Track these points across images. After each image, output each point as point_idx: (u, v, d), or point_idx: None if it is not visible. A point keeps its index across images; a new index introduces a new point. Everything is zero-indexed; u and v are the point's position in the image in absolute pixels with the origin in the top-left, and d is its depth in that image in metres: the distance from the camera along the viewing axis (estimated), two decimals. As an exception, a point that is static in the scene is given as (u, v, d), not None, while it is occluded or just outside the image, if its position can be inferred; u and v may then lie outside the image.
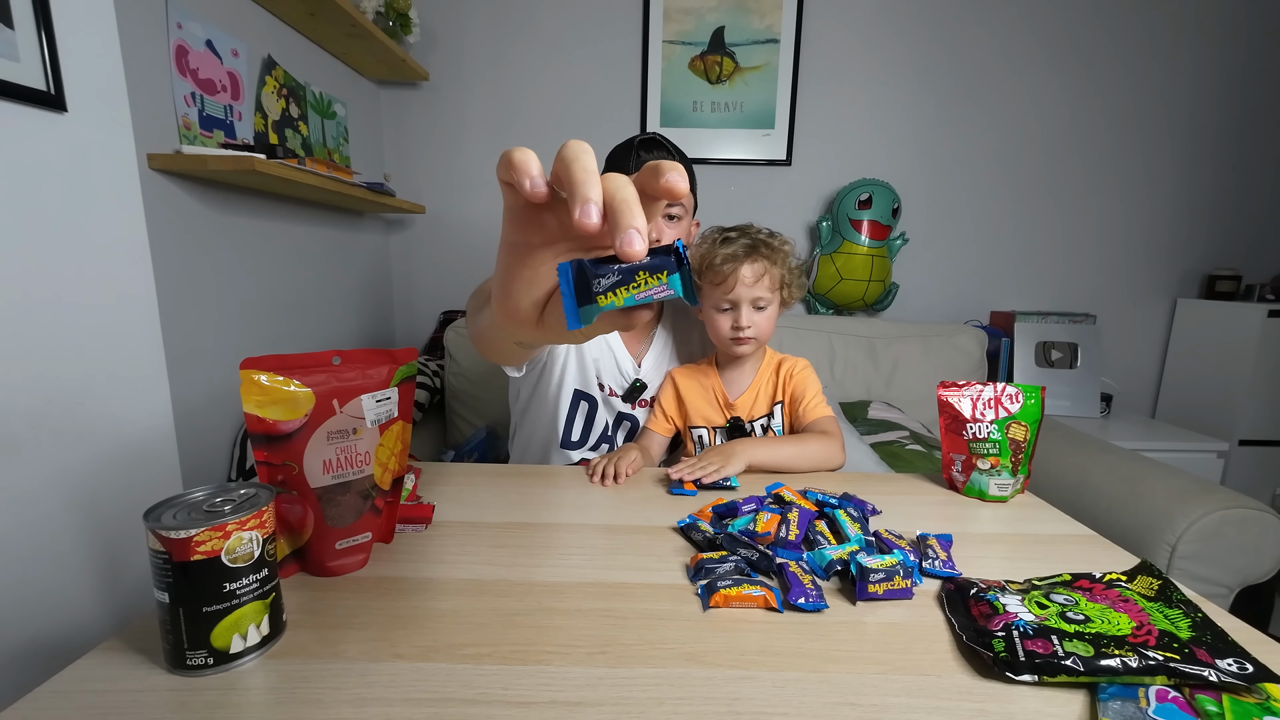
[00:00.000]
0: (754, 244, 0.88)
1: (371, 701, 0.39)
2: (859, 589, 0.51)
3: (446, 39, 1.91)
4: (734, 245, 0.89)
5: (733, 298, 0.89)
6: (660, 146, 0.93)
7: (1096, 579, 0.53)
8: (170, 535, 0.39)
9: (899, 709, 0.39)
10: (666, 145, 0.94)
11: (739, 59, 1.91)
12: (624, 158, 0.93)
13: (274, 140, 1.37)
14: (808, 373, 0.95)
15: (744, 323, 0.89)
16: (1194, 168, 1.98)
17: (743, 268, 0.87)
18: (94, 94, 0.78)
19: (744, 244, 0.88)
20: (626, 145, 0.94)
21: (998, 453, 0.75)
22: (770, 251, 0.88)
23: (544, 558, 0.59)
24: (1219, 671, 0.38)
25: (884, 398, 1.79)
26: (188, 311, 1.13)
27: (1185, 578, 1.11)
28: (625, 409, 1.04)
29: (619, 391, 1.03)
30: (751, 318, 0.89)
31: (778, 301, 0.91)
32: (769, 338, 0.94)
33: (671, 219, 0.94)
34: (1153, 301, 2.06)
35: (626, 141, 0.95)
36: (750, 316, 0.89)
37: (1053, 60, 1.92)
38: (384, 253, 2.02)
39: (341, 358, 0.55)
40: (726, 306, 0.90)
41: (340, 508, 0.54)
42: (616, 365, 1.03)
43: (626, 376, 1.03)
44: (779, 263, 0.89)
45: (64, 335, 0.75)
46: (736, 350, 0.92)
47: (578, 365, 1.01)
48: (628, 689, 0.40)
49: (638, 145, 0.92)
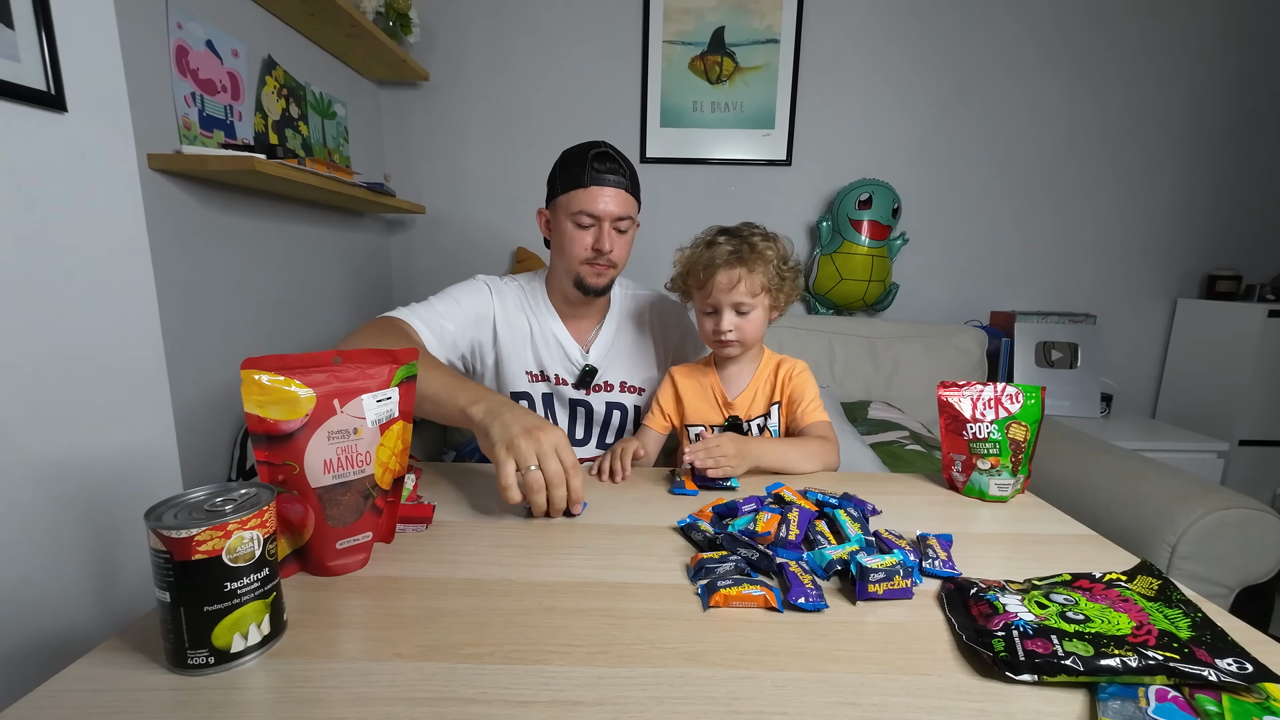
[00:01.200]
0: (737, 250, 0.88)
1: (372, 701, 0.39)
2: (859, 589, 0.51)
3: (446, 39, 1.91)
4: (717, 249, 0.89)
5: (713, 302, 0.90)
6: (612, 159, 0.97)
7: (1096, 579, 0.53)
8: (171, 535, 0.39)
9: (899, 709, 0.39)
10: (617, 157, 0.97)
11: (739, 59, 1.91)
12: (579, 166, 0.96)
13: (274, 140, 1.37)
14: (806, 376, 0.95)
15: (724, 326, 0.89)
16: (1194, 168, 1.98)
17: (719, 275, 0.88)
18: (94, 94, 0.78)
19: (727, 249, 0.88)
20: (581, 156, 0.96)
21: (998, 453, 0.75)
22: (752, 256, 0.88)
23: (544, 558, 0.59)
24: (1219, 671, 0.38)
25: (884, 398, 1.79)
26: (188, 311, 1.13)
27: (1185, 578, 1.11)
28: (579, 395, 1.07)
29: (569, 380, 1.07)
30: (733, 321, 0.89)
31: (764, 305, 0.91)
32: (757, 340, 0.94)
33: (621, 233, 0.99)
34: (1153, 301, 2.06)
35: (581, 152, 0.97)
36: (731, 320, 0.89)
37: (1053, 60, 1.92)
38: (384, 253, 2.02)
39: (342, 358, 0.55)
40: (709, 310, 0.92)
41: (341, 507, 0.54)
42: (564, 354, 1.07)
43: (576, 363, 1.06)
44: (758, 269, 0.88)
45: (64, 335, 0.75)
46: (721, 352, 0.94)
47: (519, 361, 1.06)
48: (628, 689, 0.40)
49: (592, 159, 0.95)
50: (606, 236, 0.96)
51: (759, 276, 0.88)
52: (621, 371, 1.09)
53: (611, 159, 0.97)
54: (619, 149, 1.00)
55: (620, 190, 0.97)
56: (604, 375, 1.08)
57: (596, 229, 0.97)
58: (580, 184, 0.95)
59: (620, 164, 0.97)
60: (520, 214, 1.98)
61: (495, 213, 2.01)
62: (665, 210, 1.88)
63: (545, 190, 1.03)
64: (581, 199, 0.95)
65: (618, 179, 0.96)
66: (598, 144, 0.98)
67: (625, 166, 0.98)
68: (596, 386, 1.08)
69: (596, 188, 0.95)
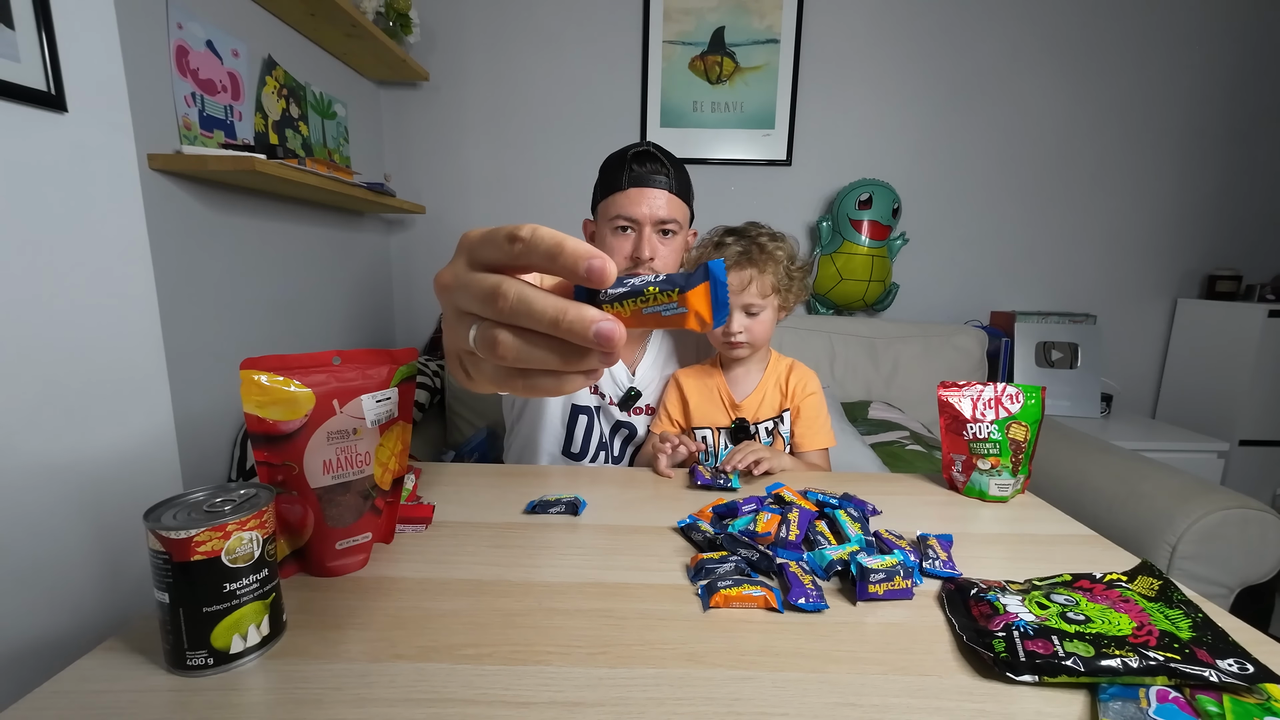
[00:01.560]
0: (746, 250, 0.87)
1: (371, 701, 0.39)
2: (859, 589, 0.51)
3: (446, 39, 1.91)
4: (726, 250, 0.88)
5: None
6: (654, 158, 0.90)
7: (1097, 579, 0.53)
8: (170, 535, 0.39)
9: (899, 709, 0.39)
10: (660, 156, 0.91)
11: (739, 59, 1.91)
12: (618, 168, 0.90)
13: (274, 140, 1.37)
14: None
15: (734, 328, 0.88)
16: (1194, 168, 1.98)
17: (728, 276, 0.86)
18: (94, 94, 0.78)
19: (737, 250, 0.88)
20: (620, 158, 0.91)
21: (998, 453, 0.75)
22: (762, 257, 0.87)
23: (544, 558, 0.59)
24: (1219, 672, 0.38)
25: (884, 398, 1.79)
26: (188, 311, 1.13)
27: (1185, 578, 1.11)
28: (622, 416, 1.03)
29: (615, 399, 1.02)
30: (742, 323, 0.89)
31: (774, 306, 0.91)
32: (766, 341, 0.93)
33: (666, 234, 0.92)
34: (1153, 301, 2.06)
35: (621, 153, 0.92)
36: (741, 322, 0.89)
37: (1053, 60, 1.92)
38: (384, 253, 2.02)
39: (341, 358, 0.55)
40: None
41: (340, 508, 0.54)
42: (610, 373, 1.01)
43: (621, 385, 1.02)
44: (769, 269, 0.88)
45: (64, 335, 0.75)
46: (730, 354, 0.93)
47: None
48: (628, 689, 0.40)
49: (630, 159, 0.89)
50: (647, 242, 0.88)
51: (769, 277, 0.88)
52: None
53: (654, 158, 0.89)
54: (666, 149, 0.93)
55: (663, 191, 0.89)
56: (647, 398, 1.03)
57: (636, 234, 0.89)
58: (618, 186, 0.88)
59: (664, 163, 0.90)
60: (520, 214, 1.98)
61: (495, 213, 2.01)
62: (665, 210, 1.88)
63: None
64: (620, 202, 0.88)
65: (661, 179, 0.88)
66: (641, 144, 0.91)
67: (670, 166, 0.91)
68: (638, 409, 1.03)
69: (636, 189, 0.88)
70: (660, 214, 0.89)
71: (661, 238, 0.91)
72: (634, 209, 0.88)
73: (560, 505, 0.69)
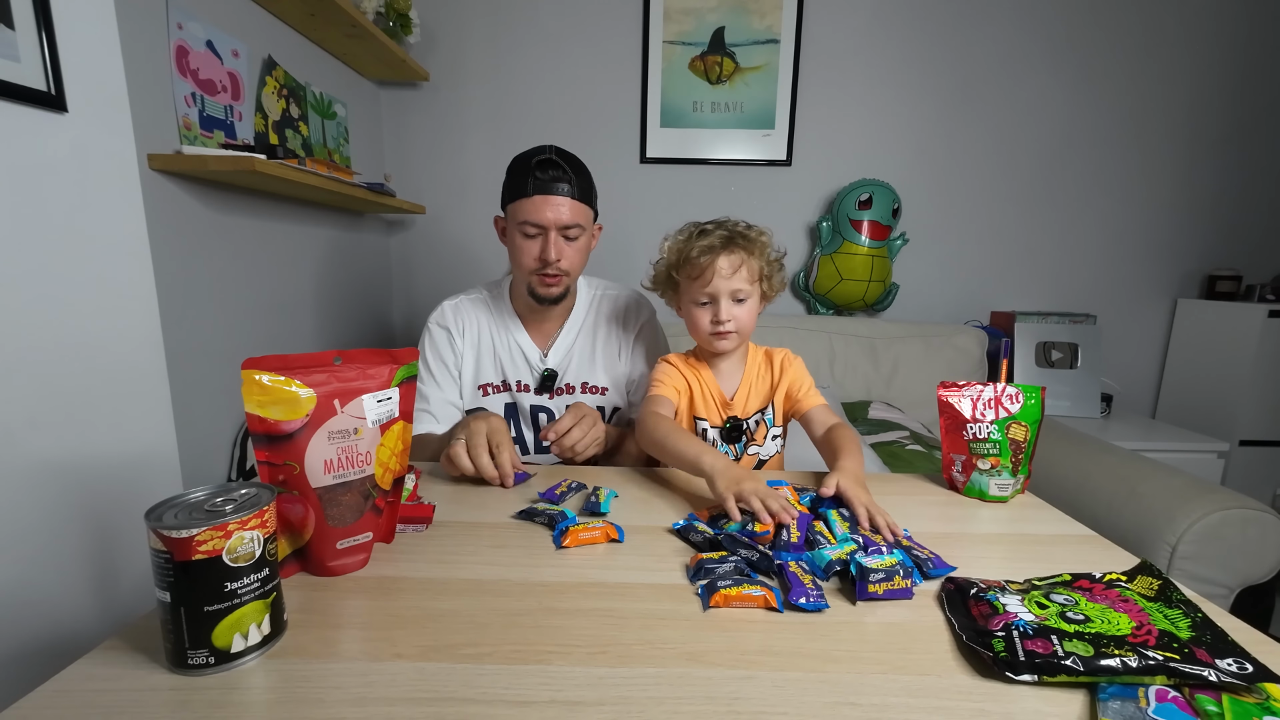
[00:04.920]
0: (730, 235, 0.88)
1: (372, 701, 0.39)
2: (859, 589, 0.51)
3: (446, 39, 1.91)
4: (710, 238, 0.88)
5: (711, 291, 0.87)
6: (556, 166, 0.94)
7: (1096, 579, 0.53)
8: (172, 535, 0.39)
9: (899, 709, 0.39)
10: (562, 164, 0.94)
11: (739, 59, 1.91)
12: (522, 174, 0.94)
13: (274, 140, 1.37)
14: (800, 363, 0.96)
15: (723, 316, 0.87)
16: (1194, 168, 1.98)
17: (719, 259, 0.86)
18: (94, 94, 0.78)
19: (720, 235, 0.88)
20: (525, 164, 0.94)
21: (998, 453, 0.75)
22: (747, 243, 0.88)
23: (544, 558, 0.59)
24: (1219, 671, 0.38)
25: (884, 398, 1.79)
26: (188, 311, 1.13)
27: (1185, 578, 1.11)
28: (540, 401, 1.05)
29: (531, 385, 1.05)
30: (731, 311, 0.88)
31: (758, 294, 0.91)
32: (750, 331, 0.93)
33: (569, 239, 0.97)
34: (1153, 301, 2.06)
35: (525, 159, 0.95)
36: (730, 310, 0.88)
37: (1053, 61, 1.92)
38: (384, 253, 2.01)
39: (342, 358, 0.55)
40: (705, 300, 0.89)
41: (341, 508, 0.54)
42: (525, 360, 1.05)
43: (536, 368, 1.05)
44: (756, 254, 0.88)
45: (64, 335, 0.75)
46: (718, 345, 0.91)
47: (475, 370, 1.05)
48: (628, 689, 0.40)
49: (534, 166, 0.93)
50: (553, 246, 0.94)
51: (757, 261, 0.88)
52: (583, 372, 1.07)
53: (556, 166, 0.94)
54: (569, 153, 0.97)
55: (566, 198, 0.94)
56: (565, 378, 1.06)
57: (543, 239, 0.95)
58: (524, 193, 0.93)
59: (566, 170, 0.94)
60: (520, 214, 1.97)
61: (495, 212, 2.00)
62: (665, 211, 1.88)
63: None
64: (526, 209, 0.93)
65: (564, 186, 0.94)
66: (543, 150, 0.95)
67: (572, 173, 0.95)
68: (559, 390, 1.06)
69: (541, 197, 0.93)
70: (564, 219, 0.95)
71: (566, 241, 0.97)
72: (539, 215, 0.94)
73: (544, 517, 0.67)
